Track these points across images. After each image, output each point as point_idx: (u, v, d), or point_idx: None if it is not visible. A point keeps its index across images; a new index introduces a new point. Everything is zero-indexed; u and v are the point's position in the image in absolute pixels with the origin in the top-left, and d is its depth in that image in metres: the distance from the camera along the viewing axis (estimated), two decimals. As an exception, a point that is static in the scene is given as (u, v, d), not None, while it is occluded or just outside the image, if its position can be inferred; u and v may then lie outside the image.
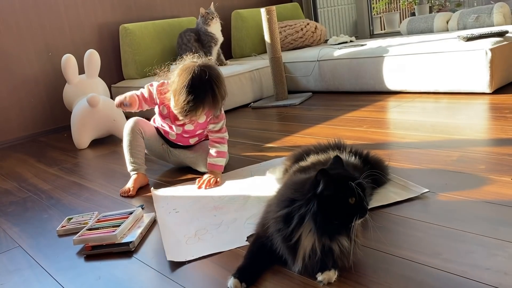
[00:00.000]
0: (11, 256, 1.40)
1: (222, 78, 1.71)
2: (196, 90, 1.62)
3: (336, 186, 0.98)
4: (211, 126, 1.85)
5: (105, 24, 3.58)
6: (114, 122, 2.78)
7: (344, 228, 0.99)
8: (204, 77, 1.63)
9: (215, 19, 3.41)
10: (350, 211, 0.98)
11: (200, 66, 1.65)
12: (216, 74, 1.68)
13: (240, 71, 3.28)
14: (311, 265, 1.00)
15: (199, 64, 1.66)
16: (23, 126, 3.26)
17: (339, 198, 0.98)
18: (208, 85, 1.64)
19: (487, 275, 0.94)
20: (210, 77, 1.64)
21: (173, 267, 1.18)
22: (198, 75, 1.62)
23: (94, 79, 3.04)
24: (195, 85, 1.62)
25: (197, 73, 1.62)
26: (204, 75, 1.63)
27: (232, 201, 1.56)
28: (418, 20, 3.73)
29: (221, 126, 1.85)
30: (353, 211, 0.98)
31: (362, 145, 1.94)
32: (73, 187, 2.01)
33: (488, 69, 2.49)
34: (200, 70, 1.63)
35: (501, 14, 3.21)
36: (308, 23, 3.95)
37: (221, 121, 1.85)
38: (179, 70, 1.67)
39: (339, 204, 0.98)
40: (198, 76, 1.62)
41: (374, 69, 2.98)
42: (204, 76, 1.63)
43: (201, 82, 1.63)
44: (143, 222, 1.46)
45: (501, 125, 1.95)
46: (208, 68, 1.66)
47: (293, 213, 1.00)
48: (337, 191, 0.98)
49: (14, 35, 3.15)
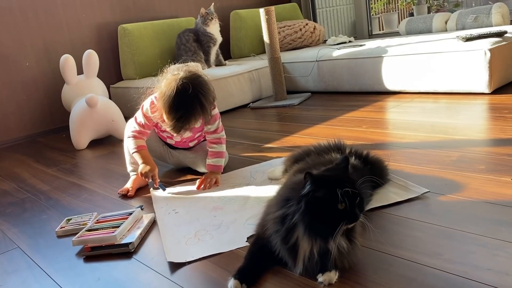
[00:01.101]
0: (10, 257, 1.40)
1: (207, 85, 1.65)
2: (183, 107, 1.58)
3: (325, 189, 0.97)
4: (207, 128, 1.83)
5: (104, 24, 3.57)
6: (113, 122, 2.78)
7: (331, 231, 0.97)
8: (188, 90, 1.57)
9: (214, 19, 3.41)
10: (338, 216, 0.97)
11: (182, 79, 1.58)
12: (199, 83, 1.62)
13: (239, 72, 3.27)
14: (311, 266, 1.00)
15: (181, 77, 1.59)
16: (21, 127, 3.25)
17: (326, 201, 0.97)
18: (194, 98, 1.59)
19: (488, 276, 0.94)
20: (194, 89, 1.58)
21: (173, 268, 1.17)
22: (182, 90, 1.57)
23: (93, 80, 3.04)
24: (181, 102, 1.57)
25: (180, 88, 1.57)
26: (188, 88, 1.57)
27: (231, 202, 1.56)
28: (416, 21, 3.73)
29: (217, 126, 1.83)
30: (341, 216, 0.97)
31: (361, 145, 1.94)
32: (72, 187, 2.01)
33: (487, 69, 2.49)
34: (182, 84, 1.57)
35: (499, 14, 3.21)
36: (307, 24, 3.95)
37: (215, 121, 1.82)
38: (162, 87, 1.62)
39: (327, 208, 0.97)
40: (183, 91, 1.57)
41: (373, 69, 2.98)
42: (188, 89, 1.57)
43: (186, 96, 1.57)
44: (143, 223, 1.46)
45: (500, 125, 1.96)
46: (191, 79, 1.60)
47: (287, 212, 1.01)
48: (325, 195, 0.97)
49: (12, 35, 3.14)
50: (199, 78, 1.64)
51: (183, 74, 1.61)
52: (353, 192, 0.97)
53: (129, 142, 1.80)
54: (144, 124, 1.79)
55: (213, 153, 1.83)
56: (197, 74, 1.66)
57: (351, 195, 0.97)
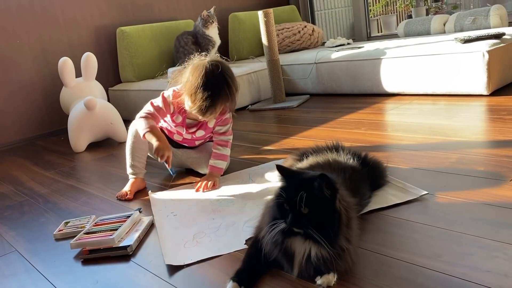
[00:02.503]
0: (8, 261, 1.39)
1: (232, 70, 1.71)
2: (212, 86, 1.61)
3: (283, 187, 1.02)
4: (218, 128, 1.85)
5: (102, 27, 3.57)
6: (111, 125, 2.77)
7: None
8: (217, 71, 1.62)
9: (214, 22, 3.41)
10: (282, 215, 1.00)
11: (211, 62, 1.64)
12: (226, 66, 1.67)
13: (237, 74, 3.22)
14: (307, 269, 1.00)
15: (209, 60, 1.65)
16: (19, 129, 3.24)
17: (278, 198, 1.01)
18: (222, 79, 1.63)
19: (487, 277, 0.94)
20: (222, 71, 1.63)
21: (172, 271, 1.17)
22: (211, 70, 1.61)
23: (91, 82, 3.04)
24: (210, 81, 1.61)
25: (209, 68, 1.62)
26: (217, 69, 1.62)
27: (230, 204, 1.55)
28: (415, 23, 3.73)
29: (227, 129, 1.86)
30: (283, 216, 1.00)
31: (360, 147, 1.94)
32: (70, 190, 2.00)
33: (485, 71, 2.49)
34: (211, 65, 1.63)
35: (497, 16, 3.22)
36: (306, 26, 3.96)
37: (228, 123, 1.85)
38: (190, 69, 1.66)
39: (278, 205, 1.02)
40: (211, 71, 1.61)
41: (371, 71, 2.98)
42: (216, 70, 1.62)
43: (215, 77, 1.62)
44: (141, 225, 1.45)
45: (499, 126, 1.96)
46: (219, 62, 1.66)
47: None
48: (281, 192, 1.01)
49: (11, 38, 3.14)
50: (226, 63, 1.69)
51: (209, 58, 1.67)
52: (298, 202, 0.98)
53: (141, 122, 1.73)
54: (160, 109, 1.75)
55: (218, 154, 1.83)
56: (223, 60, 1.70)
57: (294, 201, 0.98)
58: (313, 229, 0.97)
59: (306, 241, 0.99)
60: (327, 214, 0.98)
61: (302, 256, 0.99)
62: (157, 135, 1.70)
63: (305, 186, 0.98)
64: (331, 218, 0.98)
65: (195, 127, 1.85)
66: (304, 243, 0.99)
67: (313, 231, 0.96)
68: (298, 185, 1.00)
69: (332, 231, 0.97)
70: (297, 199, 0.97)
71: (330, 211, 0.98)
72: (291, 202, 0.98)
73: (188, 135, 1.88)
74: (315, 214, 0.97)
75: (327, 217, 0.98)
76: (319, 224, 0.97)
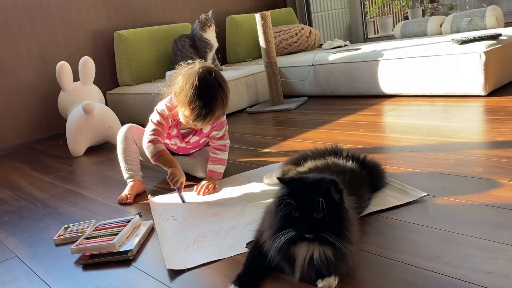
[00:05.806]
0: (8, 266, 1.39)
1: (223, 75, 1.70)
2: (208, 92, 1.60)
3: (288, 194, 0.99)
4: (214, 133, 1.84)
5: (100, 30, 3.57)
6: (110, 129, 2.77)
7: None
8: (210, 77, 1.61)
9: (212, 26, 3.41)
10: (290, 223, 0.99)
11: (201, 68, 1.63)
12: (217, 72, 1.66)
13: (235, 76, 3.27)
14: (309, 272, 1.00)
15: (199, 67, 1.63)
16: (17, 134, 3.24)
17: (282, 205, 0.99)
18: (216, 84, 1.62)
19: (488, 279, 0.94)
20: (215, 76, 1.62)
21: (173, 275, 1.17)
22: (204, 77, 1.60)
23: (89, 86, 3.03)
24: (205, 88, 1.59)
25: (202, 75, 1.60)
26: (209, 75, 1.61)
27: (230, 207, 1.55)
28: (411, 24, 3.75)
29: (224, 133, 1.85)
30: (293, 224, 0.98)
31: (358, 149, 1.94)
32: (70, 195, 2.00)
33: (482, 72, 2.50)
34: (203, 71, 1.61)
35: (494, 17, 3.23)
36: (303, 28, 3.97)
37: (224, 127, 1.85)
38: (182, 79, 1.63)
39: (284, 212, 0.99)
40: (204, 78, 1.60)
41: (369, 73, 2.99)
42: (209, 76, 1.61)
43: (209, 83, 1.60)
44: (141, 230, 1.45)
45: (496, 127, 1.96)
46: (209, 67, 1.65)
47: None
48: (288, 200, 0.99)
49: (8, 42, 3.14)
50: (215, 68, 1.68)
51: (199, 65, 1.65)
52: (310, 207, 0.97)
53: (150, 148, 1.71)
54: (161, 123, 1.73)
55: (216, 159, 1.83)
56: (211, 66, 1.70)
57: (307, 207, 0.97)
58: (328, 232, 0.97)
59: (310, 244, 0.99)
60: (338, 215, 0.99)
61: (304, 259, 0.99)
62: (169, 160, 1.71)
63: (316, 192, 0.98)
64: (342, 218, 0.99)
65: (190, 134, 1.85)
66: (307, 246, 0.99)
67: (328, 234, 0.97)
68: (307, 191, 0.99)
69: (345, 229, 0.98)
70: (312, 206, 0.96)
71: (340, 212, 0.99)
72: (302, 209, 0.98)
73: (182, 144, 1.88)
74: (327, 217, 0.97)
75: (338, 218, 0.99)
76: (332, 226, 0.98)
